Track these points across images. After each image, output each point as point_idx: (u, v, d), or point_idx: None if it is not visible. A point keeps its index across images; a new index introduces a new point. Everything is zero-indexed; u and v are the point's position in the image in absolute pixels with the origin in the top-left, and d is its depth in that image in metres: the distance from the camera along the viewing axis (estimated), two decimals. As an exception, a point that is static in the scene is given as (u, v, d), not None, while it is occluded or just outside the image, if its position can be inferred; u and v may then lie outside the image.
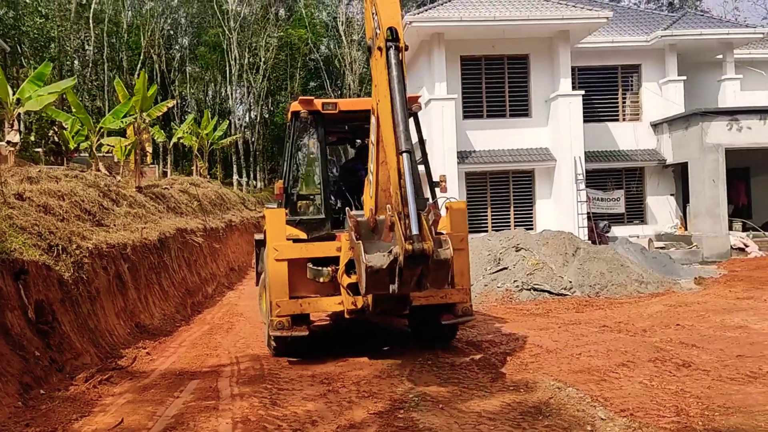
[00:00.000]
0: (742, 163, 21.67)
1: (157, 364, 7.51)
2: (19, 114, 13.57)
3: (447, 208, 7.70)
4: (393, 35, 5.95)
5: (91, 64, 36.74)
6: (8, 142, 13.40)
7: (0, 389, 5.11)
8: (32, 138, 17.75)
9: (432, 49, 19.42)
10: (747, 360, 6.91)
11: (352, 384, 6.48)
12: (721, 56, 22.46)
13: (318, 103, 7.98)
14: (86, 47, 38.50)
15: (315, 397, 6.08)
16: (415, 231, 5.38)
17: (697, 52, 22.37)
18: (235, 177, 42.37)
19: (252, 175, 45.58)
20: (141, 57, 41.25)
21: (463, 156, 19.63)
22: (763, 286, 12.81)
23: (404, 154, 5.63)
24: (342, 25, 44.27)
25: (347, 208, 6.53)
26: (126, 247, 9.45)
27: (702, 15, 22.96)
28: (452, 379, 6.59)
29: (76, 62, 40.15)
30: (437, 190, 7.98)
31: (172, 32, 48.13)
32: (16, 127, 13.41)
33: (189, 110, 44.13)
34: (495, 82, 20.52)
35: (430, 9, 20.21)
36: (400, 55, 5.95)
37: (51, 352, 6.13)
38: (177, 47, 52.50)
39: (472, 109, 20.43)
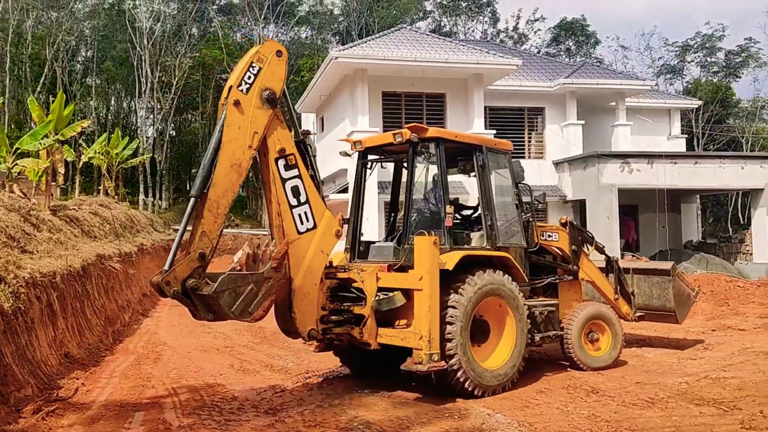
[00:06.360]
0: (632, 202, 23.67)
1: (95, 395, 7.53)
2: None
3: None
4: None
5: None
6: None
7: (-44, 424, 5.12)
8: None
9: (355, 83, 20.11)
10: (645, 386, 7.85)
11: (296, 414, 6.83)
12: (614, 104, 24.54)
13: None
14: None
15: (263, 427, 6.37)
16: (165, 267, 6.10)
17: (594, 99, 24.33)
18: (141, 197, 41.23)
19: (158, 195, 44.45)
20: (44, 69, 39.66)
21: (383, 186, 20.29)
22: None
23: (191, 199, 6.46)
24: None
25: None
26: (55, 275, 9.33)
27: (599, 66, 25.04)
28: (393, 407, 7.08)
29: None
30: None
31: (74, 44, 46.51)
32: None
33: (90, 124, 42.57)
34: (414, 118, 21.40)
35: (354, 46, 20.97)
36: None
37: (-4, 385, 6.12)
38: (80, 59, 50.73)
39: (391, 142, 21.16)
